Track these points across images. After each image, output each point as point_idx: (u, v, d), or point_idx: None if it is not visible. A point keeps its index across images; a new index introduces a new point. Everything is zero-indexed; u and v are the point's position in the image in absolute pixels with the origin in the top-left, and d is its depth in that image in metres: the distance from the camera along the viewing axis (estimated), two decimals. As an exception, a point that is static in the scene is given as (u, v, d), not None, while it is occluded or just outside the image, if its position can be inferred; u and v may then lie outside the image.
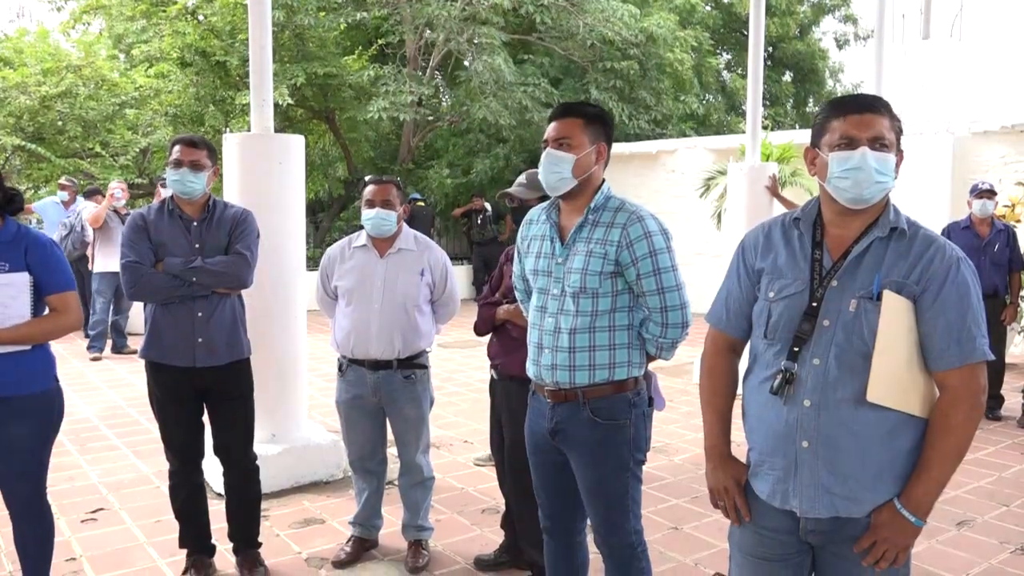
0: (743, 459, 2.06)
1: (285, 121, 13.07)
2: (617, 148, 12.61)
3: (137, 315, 8.64)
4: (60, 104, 11.92)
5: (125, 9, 13.20)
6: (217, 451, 3.45)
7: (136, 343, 8.43)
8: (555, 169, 2.48)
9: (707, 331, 2.14)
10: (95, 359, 8.06)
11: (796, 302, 1.89)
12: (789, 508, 1.90)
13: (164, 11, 12.45)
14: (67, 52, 13.25)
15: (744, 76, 17.65)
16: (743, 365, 2.09)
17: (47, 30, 14.00)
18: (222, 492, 3.54)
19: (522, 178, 3.31)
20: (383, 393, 3.51)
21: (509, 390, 3.25)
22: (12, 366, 2.71)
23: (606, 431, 2.51)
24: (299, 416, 4.75)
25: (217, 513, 3.59)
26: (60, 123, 11.98)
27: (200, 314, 3.24)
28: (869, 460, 1.82)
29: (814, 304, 1.86)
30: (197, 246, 3.28)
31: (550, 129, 2.52)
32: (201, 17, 12.62)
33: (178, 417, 3.34)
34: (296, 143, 4.70)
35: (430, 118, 13.95)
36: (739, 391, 2.10)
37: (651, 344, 2.56)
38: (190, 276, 3.19)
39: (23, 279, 2.70)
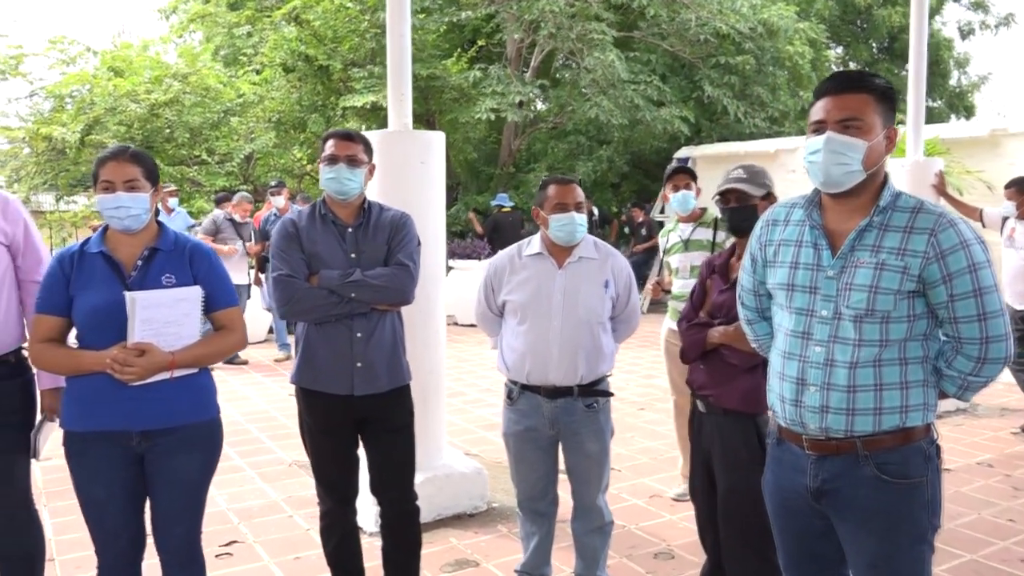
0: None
1: (385, 125, 12.84)
2: (733, 147, 11.86)
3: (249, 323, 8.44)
4: (168, 112, 11.98)
5: (230, 17, 13.23)
6: (374, 489, 3.02)
7: (246, 353, 8.32)
8: (841, 160, 1.91)
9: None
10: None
11: None
12: None
13: (269, 16, 12.39)
14: (170, 64, 13.37)
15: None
16: None
17: (149, 41, 14.17)
18: (366, 528, 3.11)
19: (741, 172, 2.76)
20: (562, 425, 3.02)
21: (723, 427, 2.72)
22: (183, 392, 2.37)
23: (898, 493, 1.95)
24: (440, 441, 4.32)
25: (366, 550, 3.18)
26: (168, 130, 12.02)
27: (359, 335, 2.82)
28: None
29: None
30: (353, 255, 2.87)
31: (826, 106, 1.94)
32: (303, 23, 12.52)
33: (332, 451, 2.93)
34: (437, 140, 4.28)
35: (530, 119, 13.51)
36: None
37: (952, 382, 1.99)
38: (349, 291, 2.77)
39: (196, 293, 2.34)
